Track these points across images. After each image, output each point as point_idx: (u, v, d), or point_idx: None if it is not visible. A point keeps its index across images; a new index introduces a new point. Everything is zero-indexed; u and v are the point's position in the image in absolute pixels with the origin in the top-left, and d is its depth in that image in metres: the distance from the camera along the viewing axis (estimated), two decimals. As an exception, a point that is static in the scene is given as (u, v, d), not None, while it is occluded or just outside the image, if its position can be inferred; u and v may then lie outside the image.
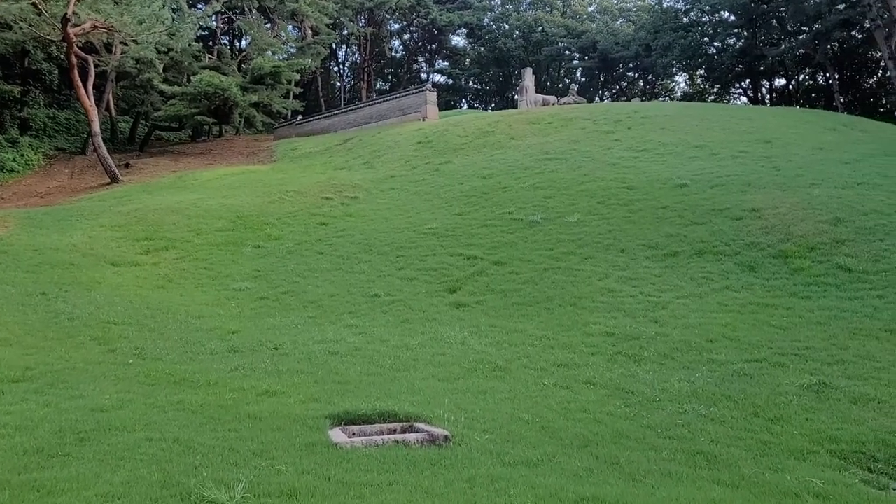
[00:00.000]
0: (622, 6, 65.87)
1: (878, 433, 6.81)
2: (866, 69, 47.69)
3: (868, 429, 6.96)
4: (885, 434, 6.78)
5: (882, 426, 7.00)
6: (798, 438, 6.68)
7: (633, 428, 7.18)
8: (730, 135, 22.11)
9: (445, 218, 17.85)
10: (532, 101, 33.53)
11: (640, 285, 12.98)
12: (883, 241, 13.28)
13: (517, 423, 7.31)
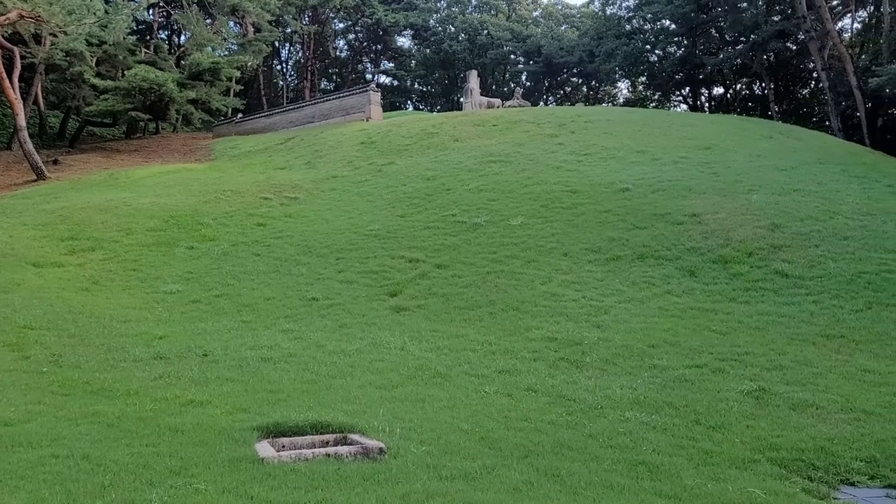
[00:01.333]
0: (566, 12, 66.51)
1: (817, 440, 6.77)
2: (800, 79, 49.14)
3: (807, 436, 6.92)
4: (823, 441, 6.74)
5: (821, 433, 6.96)
6: (739, 447, 6.57)
7: (574, 437, 6.98)
8: (671, 140, 22.34)
9: (388, 219, 17.50)
10: (477, 104, 33.41)
11: (583, 289, 12.89)
12: (818, 246, 13.51)
13: (456, 433, 7.03)
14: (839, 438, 6.79)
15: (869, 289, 11.75)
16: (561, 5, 67.87)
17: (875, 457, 6.34)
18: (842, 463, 6.30)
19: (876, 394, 8.17)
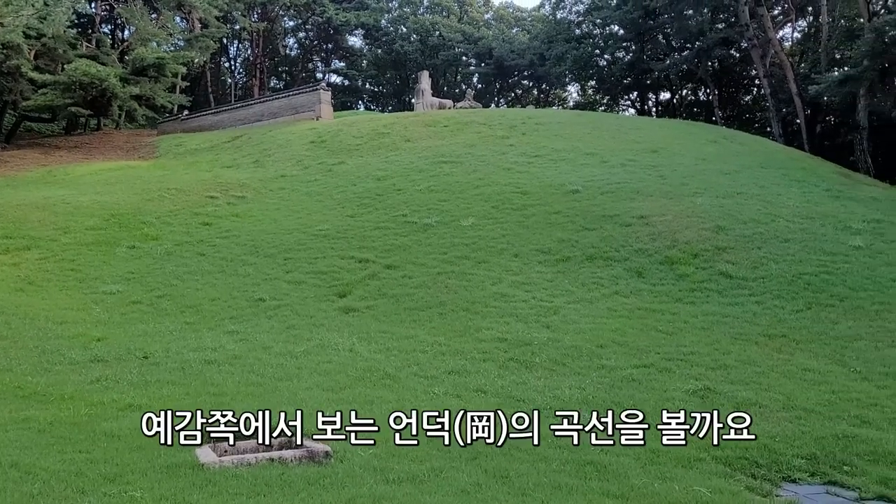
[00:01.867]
0: (518, 15, 67.04)
1: (761, 438, 6.85)
2: (743, 86, 50.52)
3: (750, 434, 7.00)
4: (766, 439, 6.84)
5: (764, 431, 7.06)
6: (686, 446, 6.61)
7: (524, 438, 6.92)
8: (619, 143, 22.65)
9: (337, 220, 17.28)
10: (428, 105, 33.35)
11: (533, 290, 12.92)
12: (760, 248, 13.82)
13: (405, 436, 6.91)
14: (781, 436, 6.91)
15: (809, 290, 12.06)
16: (512, 8, 68.42)
17: (815, 454, 6.47)
18: (784, 461, 6.40)
19: (815, 392, 8.36)
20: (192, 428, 6.76)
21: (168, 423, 5.90)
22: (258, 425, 6.10)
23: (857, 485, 5.95)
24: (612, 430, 6.20)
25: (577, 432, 6.31)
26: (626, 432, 6.14)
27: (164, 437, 5.87)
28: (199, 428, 6.31)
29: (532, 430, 6.16)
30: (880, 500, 5.71)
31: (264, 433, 6.77)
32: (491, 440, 6.11)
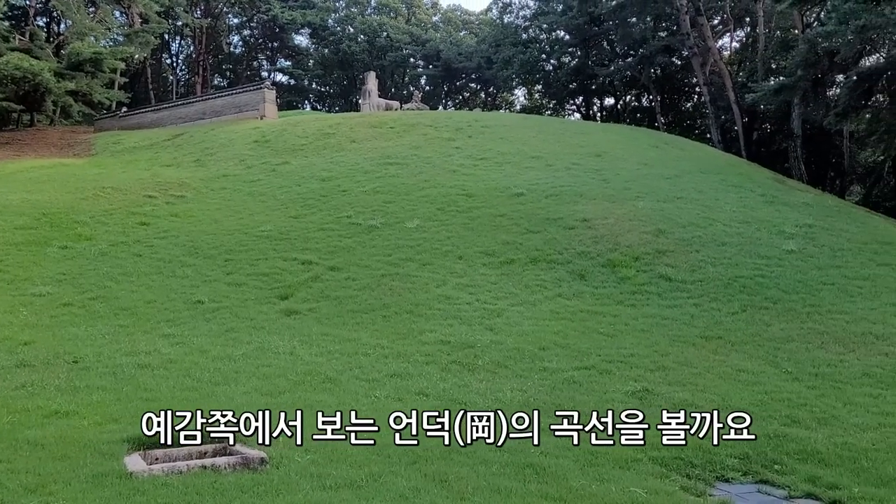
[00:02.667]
0: (465, 18, 67.29)
1: (696, 439, 6.96)
2: (684, 93, 51.75)
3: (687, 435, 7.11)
4: (701, 440, 6.94)
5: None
6: (624, 447, 6.67)
7: (465, 441, 6.89)
8: (564, 147, 22.89)
9: (280, 220, 17.00)
10: (375, 106, 33.16)
11: (477, 292, 12.93)
12: (699, 252, 14.12)
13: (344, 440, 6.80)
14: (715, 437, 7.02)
15: (744, 292, 12.37)
16: (460, 11, 68.65)
17: (748, 454, 6.60)
18: (717, 460, 6.52)
19: (749, 392, 8.57)
20: (123, 435, 6.54)
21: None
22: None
23: (787, 483, 6.10)
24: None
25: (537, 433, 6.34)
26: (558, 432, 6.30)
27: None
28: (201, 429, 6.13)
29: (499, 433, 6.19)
30: (808, 498, 5.87)
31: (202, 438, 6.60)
32: (445, 441, 6.08)
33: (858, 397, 8.40)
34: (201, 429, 6.09)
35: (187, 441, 6.27)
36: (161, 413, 6.10)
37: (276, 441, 6.46)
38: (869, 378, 9.07)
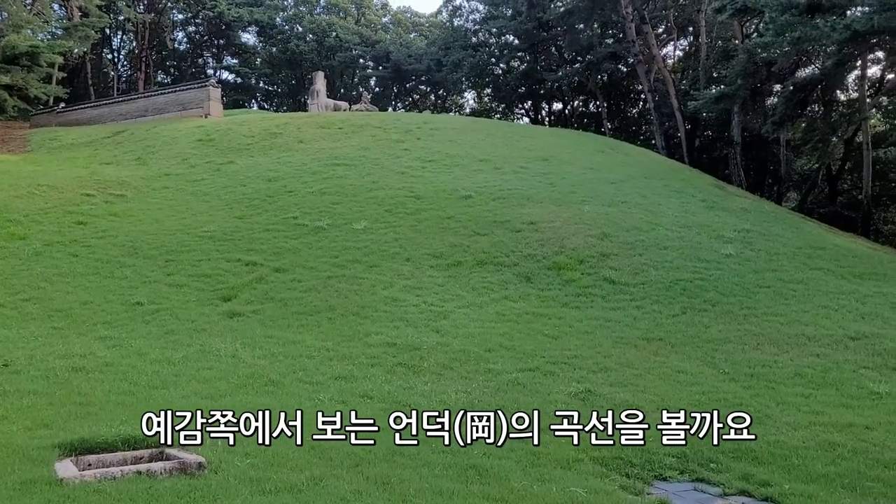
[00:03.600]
0: (415, 20, 67.27)
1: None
2: (630, 99, 52.77)
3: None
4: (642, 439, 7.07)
5: (639, 431, 7.30)
6: (565, 447, 6.76)
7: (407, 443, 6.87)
8: (512, 151, 23.07)
9: (224, 221, 16.70)
10: (323, 106, 32.87)
11: (424, 294, 12.93)
12: (642, 255, 14.40)
13: (285, 443, 6.71)
14: (655, 436, 7.16)
15: (684, 295, 12.67)
16: (410, 13, 68.60)
17: (685, 453, 6.75)
18: (656, 459, 6.65)
19: (688, 393, 8.77)
20: (54, 440, 6.32)
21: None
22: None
23: (722, 481, 6.26)
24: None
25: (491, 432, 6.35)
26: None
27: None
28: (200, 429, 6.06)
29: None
30: (742, 495, 6.03)
31: (134, 445, 6.44)
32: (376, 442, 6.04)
33: (790, 397, 8.67)
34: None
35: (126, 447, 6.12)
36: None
37: (215, 445, 6.35)
38: (801, 378, 9.38)
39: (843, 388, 9.06)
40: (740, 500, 5.96)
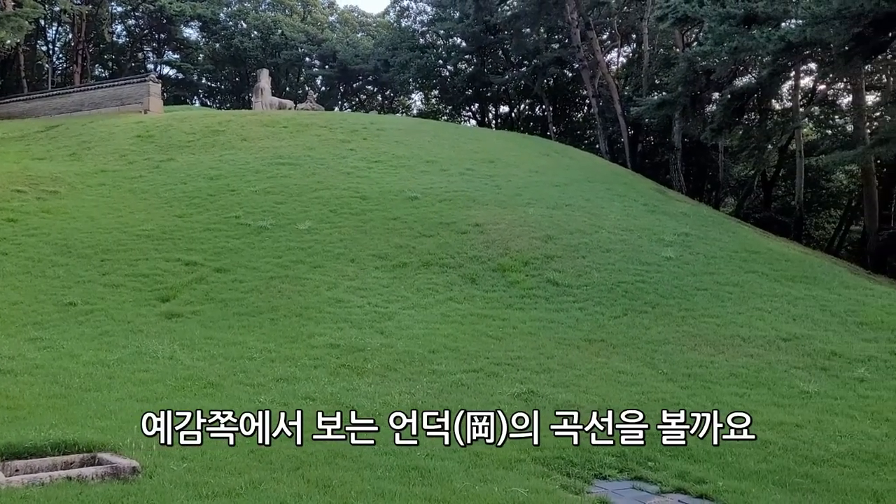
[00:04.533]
0: (363, 20, 66.85)
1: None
2: (575, 104, 53.52)
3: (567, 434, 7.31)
4: (581, 439, 7.16)
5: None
6: (507, 448, 6.78)
7: (349, 446, 6.80)
8: (459, 153, 23.14)
9: (164, 219, 16.29)
10: (268, 104, 32.40)
11: (369, 296, 12.85)
12: (585, 258, 14.61)
13: (223, 446, 6.56)
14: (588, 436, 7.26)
15: (626, 297, 12.90)
16: (357, 13, 68.15)
17: (624, 452, 6.86)
18: (596, 459, 6.74)
19: (628, 393, 8.93)
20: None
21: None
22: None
23: (659, 479, 6.39)
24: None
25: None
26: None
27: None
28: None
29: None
30: (678, 493, 6.17)
31: (65, 449, 6.22)
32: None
33: (725, 396, 8.91)
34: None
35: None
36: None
37: (150, 449, 6.18)
38: (735, 378, 9.66)
39: (775, 387, 9.36)
40: (676, 497, 6.09)
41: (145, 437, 6.47)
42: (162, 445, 6.33)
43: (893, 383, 9.66)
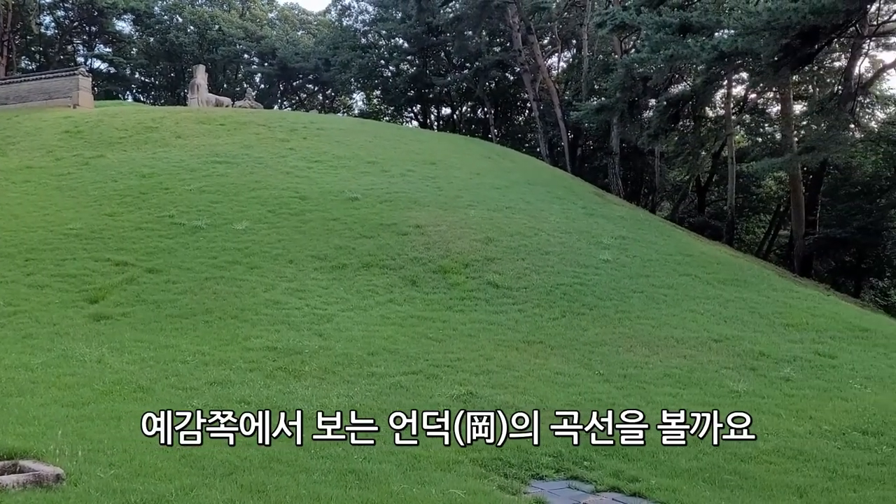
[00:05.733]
0: (303, 18, 66.05)
1: (514, 439, 7.21)
2: (517, 107, 54.03)
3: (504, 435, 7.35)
4: (519, 440, 7.21)
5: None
6: (445, 449, 6.79)
7: (285, 450, 6.69)
8: (400, 154, 23.07)
9: (93, 218, 15.73)
10: (204, 101, 31.69)
11: (307, 297, 12.68)
12: (524, 260, 14.74)
13: (154, 452, 6.37)
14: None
15: (564, 299, 13.07)
16: (297, 10, 67.30)
17: (561, 452, 6.94)
18: (533, 459, 6.80)
19: (565, 394, 9.03)
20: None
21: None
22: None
23: (594, 478, 6.48)
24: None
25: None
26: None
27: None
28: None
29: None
30: (612, 491, 6.28)
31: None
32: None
33: (659, 396, 9.11)
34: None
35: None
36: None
37: (75, 456, 5.95)
38: (669, 378, 9.88)
39: (706, 387, 9.62)
40: (611, 496, 6.19)
41: (70, 443, 6.25)
42: (88, 452, 6.15)
43: (817, 382, 10.05)
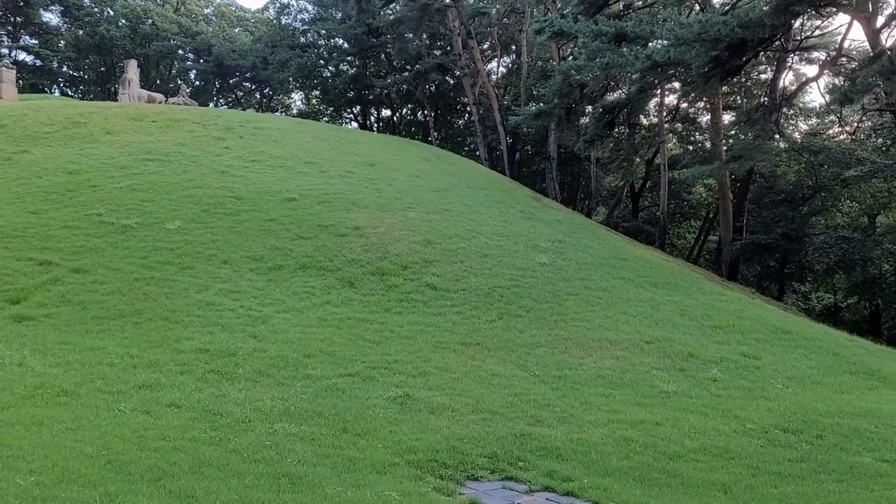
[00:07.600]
0: (240, 15, 64.93)
1: (450, 440, 7.26)
2: (456, 111, 54.34)
3: (442, 437, 7.39)
4: (455, 441, 7.25)
5: (454, 434, 7.49)
6: (381, 452, 6.76)
7: (217, 454, 6.55)
8: (339, 155, 22.88)
9: (15, 215, 15.06)
10: (136, 96, 30.78)
11: (242, 299, 12.44)
12: (463, 262, 14.81)
13: (77, 458, 6.15)
14: (468, 438, 7.37)
15: (502, 301, 13.18)
16: (235, 7, 66.11)
17: (496, 452, 6.99)
18: (469, 460, 6.82)
19: (501, 395, 9.10)
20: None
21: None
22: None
23: (529, 479, 6.55)
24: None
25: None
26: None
27: None
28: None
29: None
30: (546, 491, 6.35)
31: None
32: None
33: (593, 397, 9.28)
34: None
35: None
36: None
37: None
38: (602, 379, 10.08)
39: (638, 387, 9.84)
40: (545, 495, 6.26)
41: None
42: (7, 458, 5.88)
43: (742, 383, 10.41)
